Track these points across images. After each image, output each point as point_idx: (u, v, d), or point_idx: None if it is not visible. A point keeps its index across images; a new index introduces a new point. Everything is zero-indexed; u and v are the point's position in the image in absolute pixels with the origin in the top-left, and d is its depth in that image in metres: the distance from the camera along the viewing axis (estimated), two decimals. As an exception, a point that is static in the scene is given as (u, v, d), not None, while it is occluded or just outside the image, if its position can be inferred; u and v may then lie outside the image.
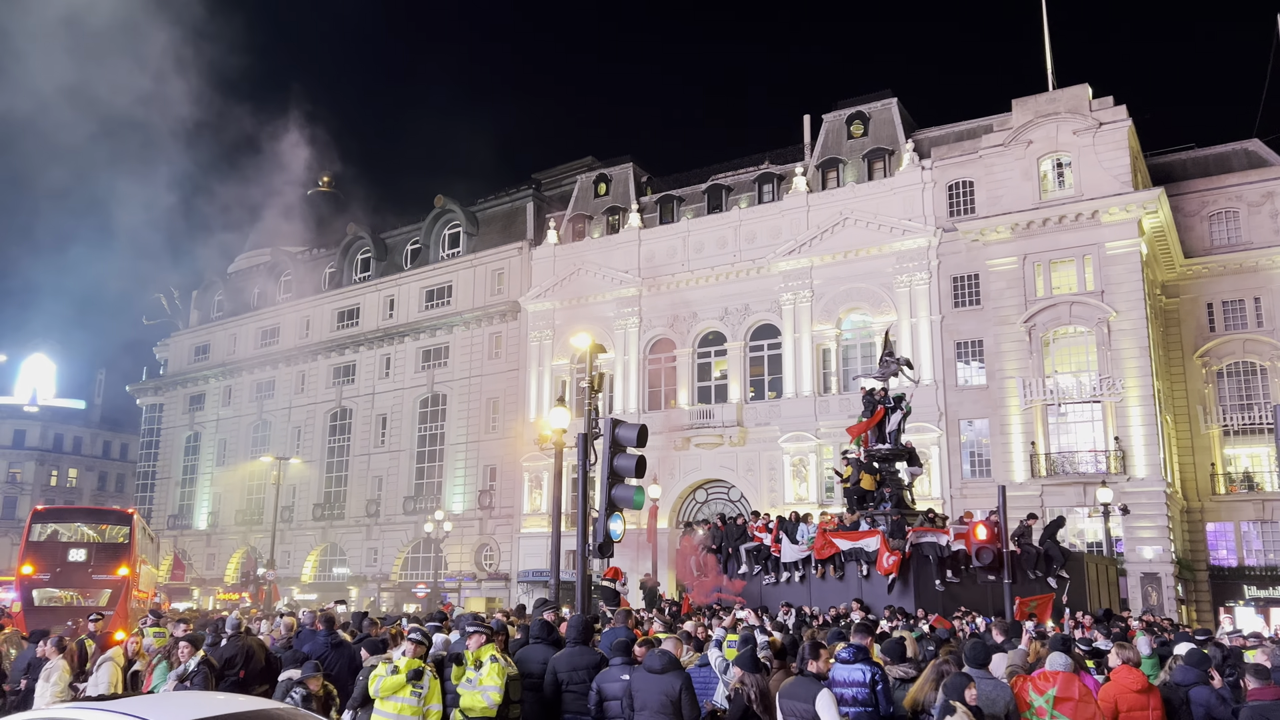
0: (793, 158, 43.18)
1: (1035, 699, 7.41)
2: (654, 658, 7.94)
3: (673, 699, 7.71)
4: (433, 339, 50.59)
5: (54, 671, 11.07)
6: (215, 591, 52.86)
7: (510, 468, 45.90)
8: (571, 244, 46.57)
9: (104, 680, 10.68)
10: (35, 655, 11.51)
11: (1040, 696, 7.41)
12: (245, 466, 56.47)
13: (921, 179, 37.93)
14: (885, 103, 41.15)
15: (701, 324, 41.96)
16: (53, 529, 28.76)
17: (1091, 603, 21.35)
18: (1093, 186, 34.33)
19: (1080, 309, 34.08)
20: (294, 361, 56.15)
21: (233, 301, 62.44)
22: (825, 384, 38.93)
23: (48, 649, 11.56)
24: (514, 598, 40.63)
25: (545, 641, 9.13)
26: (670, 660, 7.96)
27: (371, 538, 50.36)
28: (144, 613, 21.42)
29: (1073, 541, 31.87)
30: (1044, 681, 7.66)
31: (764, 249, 40.44)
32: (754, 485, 39.31)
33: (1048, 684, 7.59)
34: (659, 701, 7.72)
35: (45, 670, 11.18)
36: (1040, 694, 7.46)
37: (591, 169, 48.78)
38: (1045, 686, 7.56)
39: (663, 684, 7.74)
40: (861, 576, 20.62)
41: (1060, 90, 36.19)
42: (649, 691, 7.77)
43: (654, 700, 7.73)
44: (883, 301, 37.97)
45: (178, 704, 6.68)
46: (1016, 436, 34.22)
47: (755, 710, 7.96)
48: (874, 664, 8.31)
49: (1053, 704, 7.39)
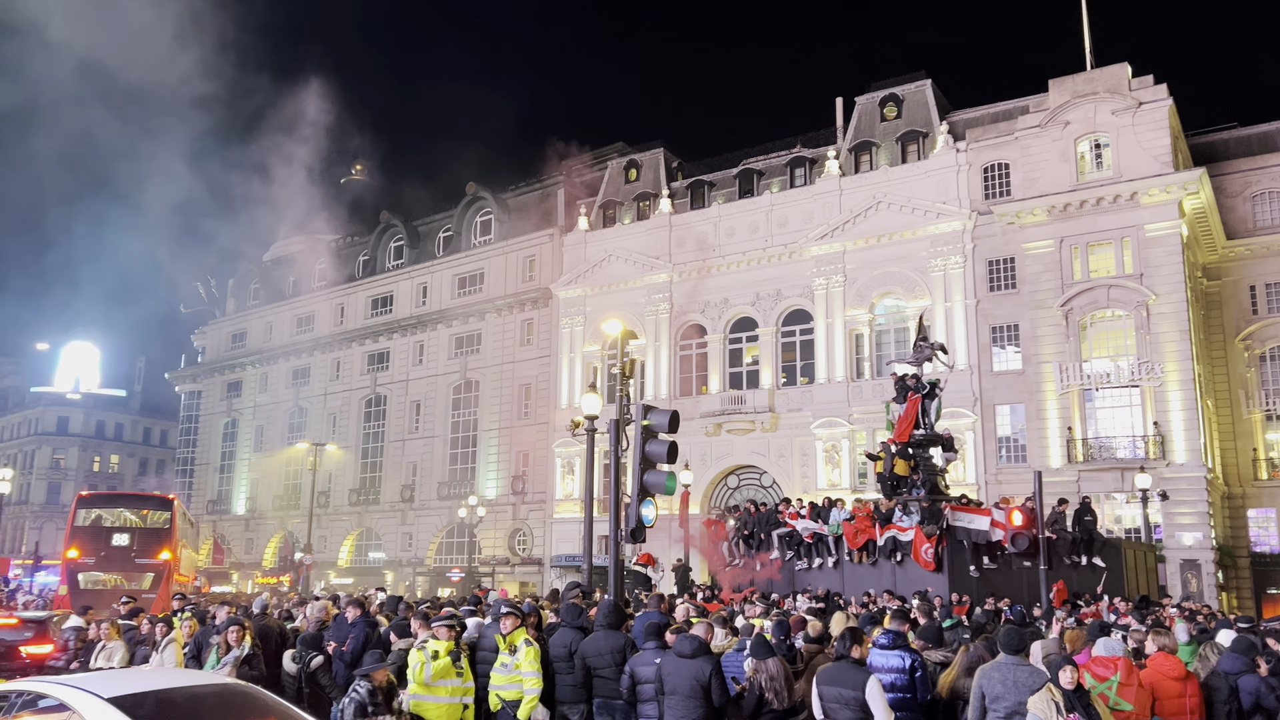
0: (825, 141, 42.82)
1: (1098, 685, 7.33)
2: (684, 642, 8.00)
3: (702, 683, 7.77)
4: (465, 326, 50.89)
5: (115, 652, 11.38)
6: (254, 575, 53.74)
7: (542, 453, 46.15)
8: (602, 230, 46.58)
9: (170, 659, 10.86)
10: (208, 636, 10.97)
11: (1102, 684, 7.33)
12: (282, 452, 57.25)
13: (956, 161, 37.48)
14: (919, 84, 40.67)
15: (733, 309, 41.84)
16: (97, 514, 29.39)
17: (1129, 589, 21.11)
18: (1132, 167, 33.74)
19: (1119, 292, 33.56)
20: (329, 349, 56.76)
21: (268, 289, 63.16)
22: (858, 369, 38.69)
23: (103, 631, 11.86)
24: (547, 582, 40.93)
25: (573, 626, 9.18)
26: (700, 645, 8.00)
27: (406, 523, 50.90)
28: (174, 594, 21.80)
29: (1110, 528, 31.50)
30: (1103, 668, 7.57)
31: (796, 233, 40.20)
32: (786, 471, 39.22)
33: (1108, 670, 7.50)
34: (689, 685, 7.78)
35: (107, 651, 11.44)
36: (1101, 681, 7.38)
37: (622, 155, 48.70)
38: (1106, 674, 7.47)
39: (693, 668, 7.80)
40: (895, 563, 20.53)
41: (1099, 70, 35.55)
42: (679, 675, 7.83)
43: (684, 684, 7.79)
44: (916, 286, 37.63)
45: (127, 679, 7.62)
46: (1053, 422, 33.83)
47: (769, 697, 7.97)
48: (913, 651, 8.29)
49: (1116, 690, 7.32)
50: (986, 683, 7.64)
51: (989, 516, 19.84)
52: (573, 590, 11.73)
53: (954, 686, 8.35)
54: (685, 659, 7.85)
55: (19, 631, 15.15)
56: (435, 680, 8.16)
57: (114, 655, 11.37)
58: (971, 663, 8.52)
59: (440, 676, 8.18)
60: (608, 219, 47.16)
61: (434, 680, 8.16)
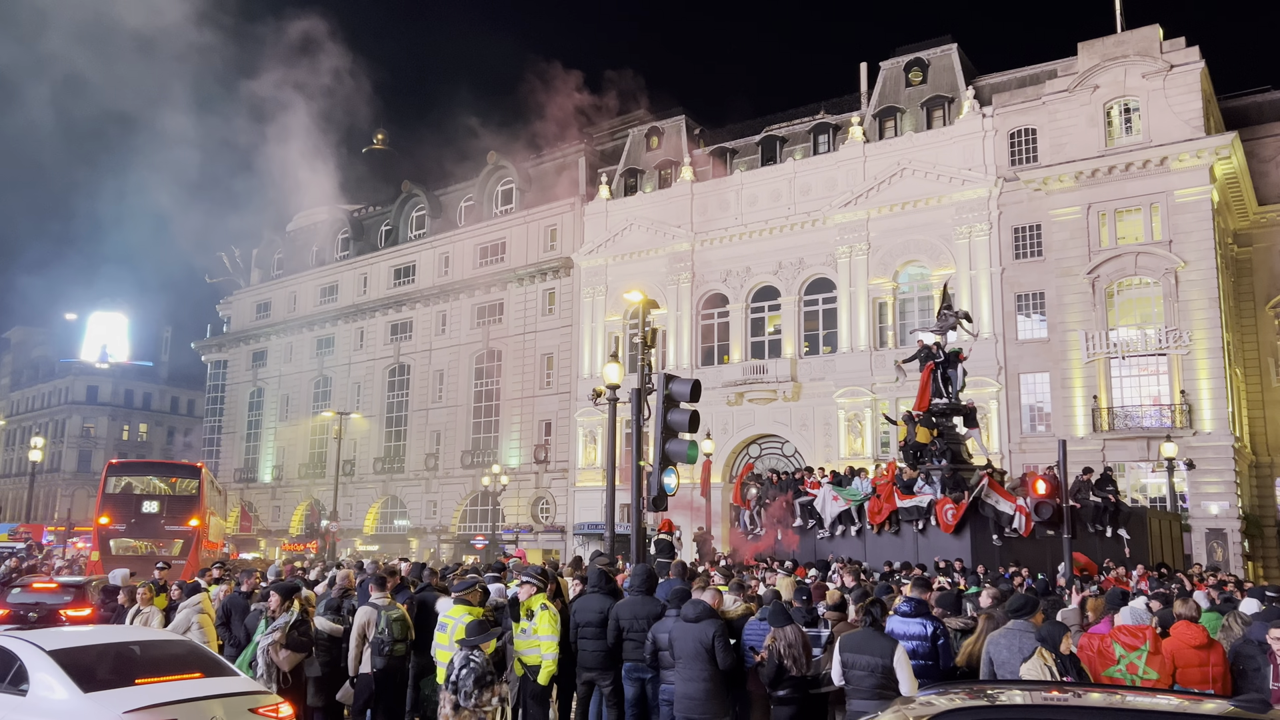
0: (849, 107, 42.32)
1: (1126, 655, 7.32)
2: (689, 607, 8.12)
3: (706, 646, 7.91)
4: (487, 295, 50.99)
5: (152, 618, 11.58)
6: (280, 543, 54.49)
7: (564, 423, 46.34)
8: (623, 199, 46.38)
9: (196, 625, 11.03)
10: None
11: (1131, 653, 7.31)
12: (307, 421, 57.83)
13: (982, 127, 36.96)
14: (945, 49, 40.05)
15: (755, 278, 41.64)
16: (127, 481, 29.89)
17: (1153, 558, 21.00)
18: (1162, 132, 33.15)
19: (1147, 259, 33.11)
20: (352, 318, 57.09)
21: (292, 259, 63.50)
22: (881, 338, 38.48)
23: (139, 595, 12.05)
24: (570, 549, 41.26)
25: (603, 591, 9.26)
26: (704, 609, 8.10)
27: (431, 491, 51.38)
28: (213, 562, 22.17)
29: (1135, 496, 31.32)
30: (1130, 638, 7.55)
31: (819, 201, 39.86)
32: (808, 440, 39.19)
33: (1137, 640, 7.48)
34: (693, 649, 7.93)
35: (143, 616, 11.66)
36: (1131, 650, 7.35)
37: (643, 123, 48.37)
38: (1135, 643, 7.45)
39: (697, 632, 7.93)
40: (917, 531, 20.52)
41: (1129, 32, 34.84)
42: (685, 639, 7.98)
43: (689, 648, 7.94)
44: (941, 254, 37.28)
45: (76, 635, 8.60)
46: (1078, 390, 33.55)
47: (788, 664, 8.02)
48: (934, 619, 8.30)
49: (1145, 659, 7.31)
50: (994, 649, 7.69)
51: (1014, 503, 19.80)
52: (599, 558, 11.83)
53: (976, 654, 8.36)
54: (690, 623, 7.97)
55: (59, 595, 15.45)
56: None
57: (151, 620, 11.60)
58: (990, 630, 8.53)
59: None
60: (629, 188, 46.95)
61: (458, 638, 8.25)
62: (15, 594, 15.54)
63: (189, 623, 10.79)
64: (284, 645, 9.04)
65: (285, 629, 9.10)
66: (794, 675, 8.06)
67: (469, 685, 7.36)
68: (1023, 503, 19.68)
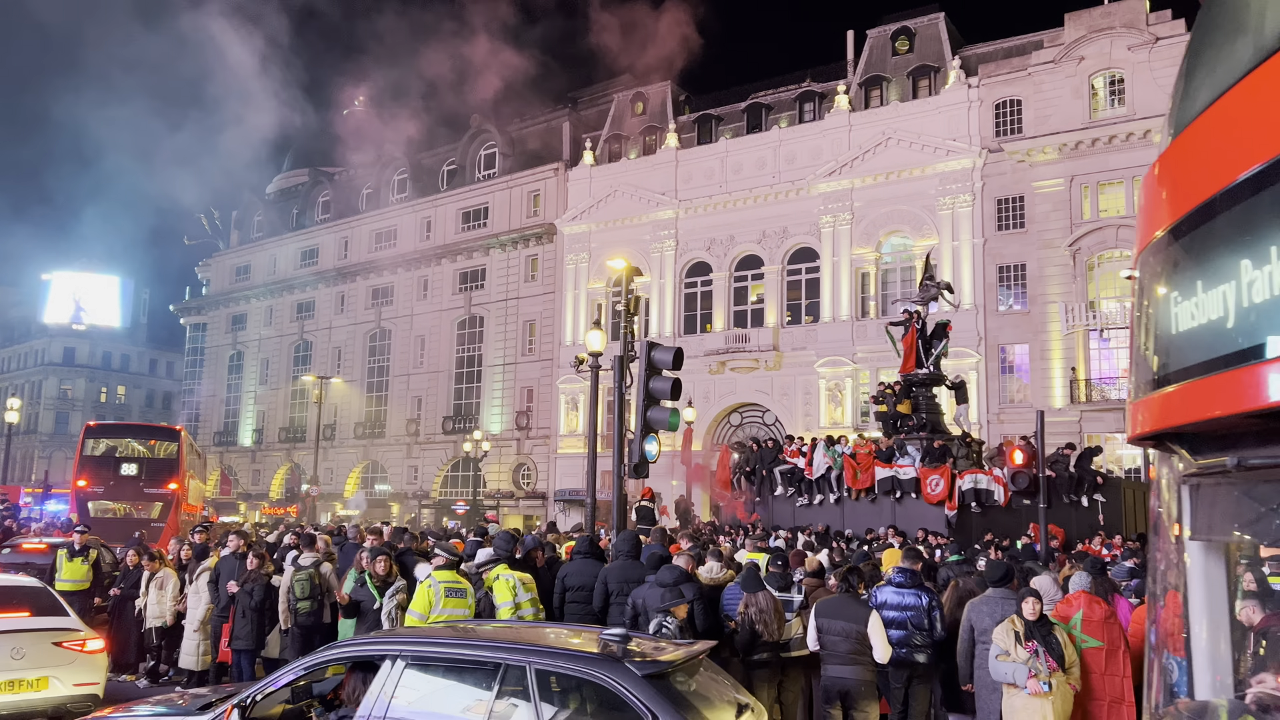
0: (835, 75, 42.11)
1: (1063, 626, 7.46)
2: (665, 572, 8.16)
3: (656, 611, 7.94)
4: (470, 261, 50.70)
5: (167, 581, 12.29)
6: (260, 506, 54.40)
7: (547, 389, 46.34)
8: (608, 165, 46.10)
9: (203, 588, 11.76)
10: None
11: (1066, 624, 7.45)
12: (287, 386, 57.56)
13: (968, 97, 36.89)
14: (932, 18, 39.85)
15: (739, 247, 41.58)
16: (105, 444, 29.67)
17: (1128, 528, 21.33)
18: (1147, 105, 33.19)
19: (1128, 232, 33.25)
20: (333, 282, 56.67)
21: (272, 222, 62.84)
22: (863, 308, 38.58)
23: (145, 560, 12.52)
24: (550, 515, 41.44)
25: (590, 556, 9.35)
26: (681, 574, 8.17)
27: (412, 456, 51.35)
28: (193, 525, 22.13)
29: (1110, 468, 31.70)
30: (1066, 606, 7.70)
31: (804, 170, 39.76)
32: (789, 409, 39.38)
33: (1070, 608, 7.62)
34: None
35: (157, 579, 12.09)
36: (1065, 620, 7.50)
37: (629, 88, 47.98)
38: (1069, 611, 7.60)
39: (672, 597, 7.97)
40: (894, 500, 20.74)
41: (1115, 4, 34.76)
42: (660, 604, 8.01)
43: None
44: (924, 224, 37.33)
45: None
46: (1057, 362, 33.83)
47: (760, 629, 8.11)
48: (928, 590, 8.43)
49: (1080, 627, 7.44)
50: (975, 615, 7.82)
51: (991, 475, 20.06)
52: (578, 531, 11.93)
53: (955, 620, 8.51)
54: (665, 588, 8.01)
55: (48, 557, 15.50)
56: (434, 610, 8.30)
57: (166, 583, 12.07)
58: (962, 596, 8.68)
59: (443, 606, 8.30)
60: (613, 154, 46.64)
61: (431, 611, 8.29)
62: (5, 554, 15.58)
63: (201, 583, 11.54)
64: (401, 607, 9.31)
65: (404, 590, 9.22)
66: (767, 640, 8.17)
67: None
68: (999, 473, 19.94)
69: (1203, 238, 2.15)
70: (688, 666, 5.44)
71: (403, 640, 5.76)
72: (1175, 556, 2.64)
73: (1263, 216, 1.88)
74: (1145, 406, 2.49)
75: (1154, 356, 2.43)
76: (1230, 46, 2.20)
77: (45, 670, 8.83)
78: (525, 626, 6.84)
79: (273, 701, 5.96)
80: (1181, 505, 2.58)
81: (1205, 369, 2.09)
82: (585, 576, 9.05)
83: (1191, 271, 2.18)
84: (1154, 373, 2.41)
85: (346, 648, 6.20)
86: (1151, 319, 2.47)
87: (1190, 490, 2.53)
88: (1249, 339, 1.92)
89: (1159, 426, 2.40)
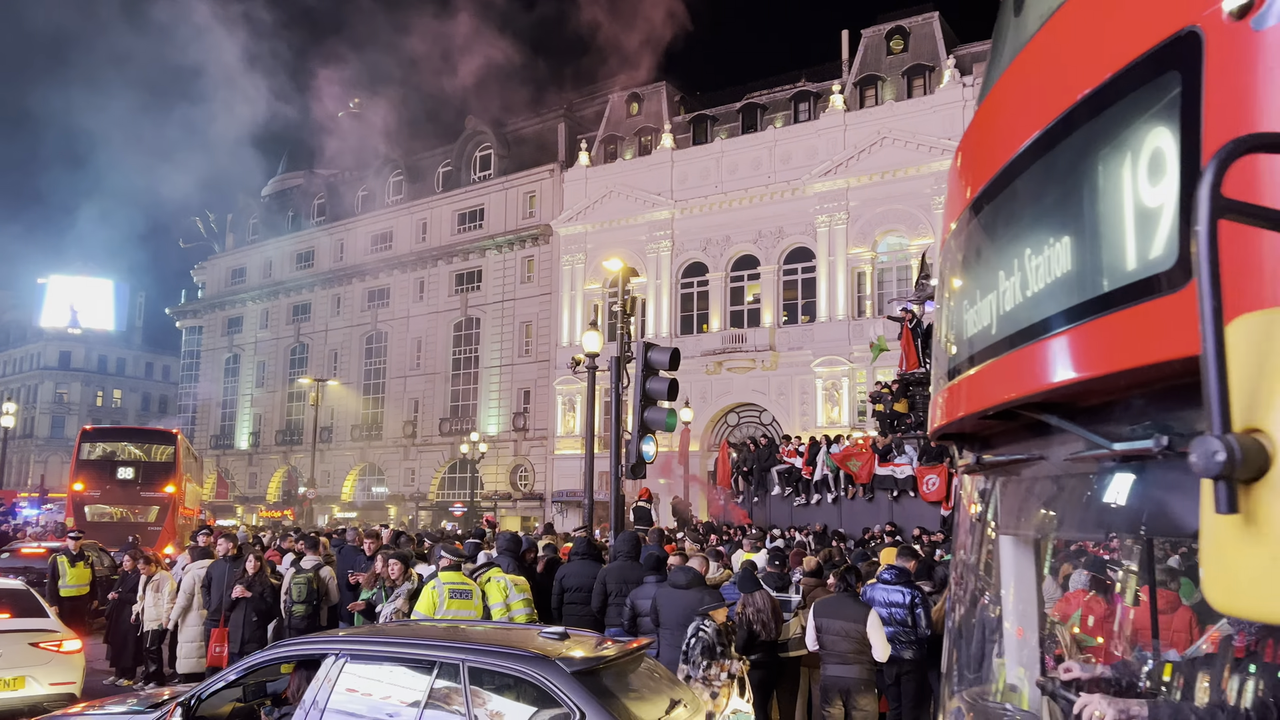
0: (830, 75, 42.15)
1: None
2: (679, 574, 8.11)
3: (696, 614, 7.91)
4: (465, 262, 50.67)
5: (164, 583, 12.34)
6: (258, 510, 54.35)
7: (543, 390, 46.33)
8: (603, 166, 46.09)
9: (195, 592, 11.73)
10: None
11: (1065, 623, 7.47)
12: (284, 388, 57.48)
13: (963, 96, 36.92)
14: (926, 17, 39.91)
15: (735, 247, 41.60)
16: (101, 448, 29.58)
17: (1123, 526, 21.38)
18: (1140, 104, 33.26)
19: (1123, 231, 33.33)
20: (329, 284, 56.62)
21: (268, 225, 62.76)
22: (859, 308, 38.62)
23: (141, 564, 12.60)
24: (548, 517, 41.42)
25: (588, 557, 9.35)
26: (695, 577, 8.12)
27: (409, 458, 51.32)
28: (190, 529, 22.13)
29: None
30: (1066, 605, 7.72)
31: (799, 170, 39.79)
32: (785, 409, 39.40)
33: (1070, 607, 7.65)
34: (683, 617, 7.90)
35: (154, 582, 12.20)
36: (1065, 619, 7.52)
37: (624, 89, 47.99)
38: (1069, 610, 7.62)
39: (687, 600, 7.92)
40: (891, 499, 20.75)
41: (1110, 2, 34.83)
42: (673, 607, 7.97)
43: (678, 615, 7.92)
44: (920, 223, 37.37)
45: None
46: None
47: (757, 629, 8.11)
48: (915, 587, 8.44)
49: None
50: None
51: None
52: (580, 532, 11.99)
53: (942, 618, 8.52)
54: (680, 590, 7.97)
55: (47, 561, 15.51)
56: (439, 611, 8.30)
57: (162, 586, 12.15)
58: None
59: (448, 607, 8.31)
60: (609, 154, 46.64)
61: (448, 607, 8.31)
62: (4, 559, 15.63)
63: (193, 584, 11.56)
64: (405, 614, 9.30)
65: (408, 597, 9.20)
66: (764, 640, 8.17)
67: (696, 655, 7.20)
68: None
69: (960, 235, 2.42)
70: (621, 664, 5.60)
71: (342, 639, 5.97)
72: (971, 544, 2.73)
73: None
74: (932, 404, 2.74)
75: None
76: (998, 39, 2.49)
77: (22, 670, 9.04)
78: (470, 626, 7.03)
79: (221, 700, 6.18)
80: (971, 496, 2.77)
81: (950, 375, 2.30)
82: (583, 577, 9.05)
83: None
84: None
85: (287, 647, 6.37)
86: None
87: (971, 481, 2.76)
88: (967, 352, 2.16)
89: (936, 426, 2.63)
